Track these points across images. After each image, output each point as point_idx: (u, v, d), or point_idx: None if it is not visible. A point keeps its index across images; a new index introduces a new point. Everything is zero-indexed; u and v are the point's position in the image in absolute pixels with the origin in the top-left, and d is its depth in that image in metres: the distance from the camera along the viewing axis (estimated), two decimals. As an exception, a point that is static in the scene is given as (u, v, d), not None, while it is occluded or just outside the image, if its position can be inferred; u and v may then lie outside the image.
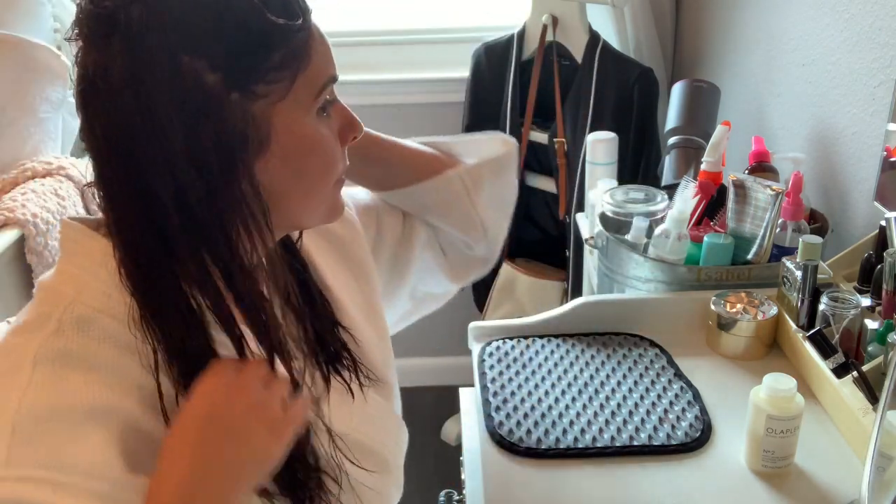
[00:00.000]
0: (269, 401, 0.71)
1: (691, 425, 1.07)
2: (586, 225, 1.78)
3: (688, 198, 1.38)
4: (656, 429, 1.07)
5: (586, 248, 1.72)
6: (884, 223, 1.17)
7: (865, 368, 1.04)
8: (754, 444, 0.99)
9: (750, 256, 1.33)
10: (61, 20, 2.12)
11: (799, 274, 1.17)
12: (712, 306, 1.23)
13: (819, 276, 1.17)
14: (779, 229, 1.32)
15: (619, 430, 1.07)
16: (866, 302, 1.14)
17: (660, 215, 1.43)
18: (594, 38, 2.08)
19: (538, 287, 2.23)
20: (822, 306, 1.12)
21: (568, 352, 1.24)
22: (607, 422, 1.08)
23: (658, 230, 1.36)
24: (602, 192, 1.54)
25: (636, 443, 1.04)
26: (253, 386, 0.70)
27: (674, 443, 1.04)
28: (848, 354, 1.08)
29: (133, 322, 0.70)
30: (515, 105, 2.18)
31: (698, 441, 1.05)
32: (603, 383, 1.16)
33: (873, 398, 1.00)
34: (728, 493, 0.98)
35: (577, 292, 2.07)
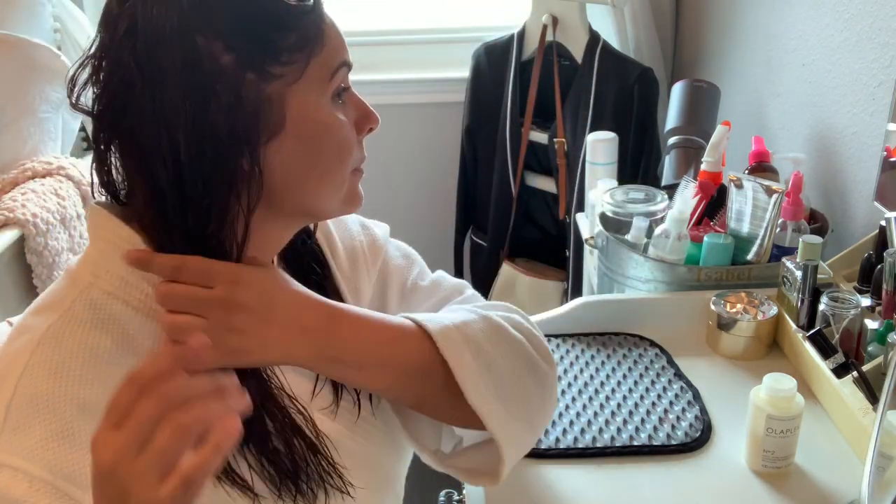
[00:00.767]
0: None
1: (691, 425, 1.07)
2: (586, 225, 1.78)
3: (688, 198, 1.39)
4: (656, 429, 1.07)
5: (586, 248, 1.72)
6: (884, 223, 1.17)
7: (865, 368, 1.04)
8: (754, 444, 0.99)
9: (750, 256, 1.33)
10: (61, 20, 2.12)
11: (799, 274, 1.17)
12: (712, 306, 1.23)
13: (819, 276, 1.17)
14: (779, 229, 1.32)
15: (619, 430, 1.07)
16: (866, 302, 1.14)
17: (660, 215, 1.43)
18: (594, 38, 2.08)
19: (538, 287, 2.23)
20: (822, 306, 1.12)
21: (568, 352, 1.24)
22: (607, 422, 1.08)
23: (658, 230, 1.36)
24: (602, 192, 1.54)
25: (636, 443, 1.05)
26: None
27: (674, 443, 1.04)
28: (848, 354, 1.08)
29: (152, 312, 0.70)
30: (515, 105, 2.18)
31: (698, 441, 1.05)
32: (603, 383, 1.16)
33: (873, 398, 1.00)
34: (728, 493, 0.98)
35: (577, 292, 2.07)
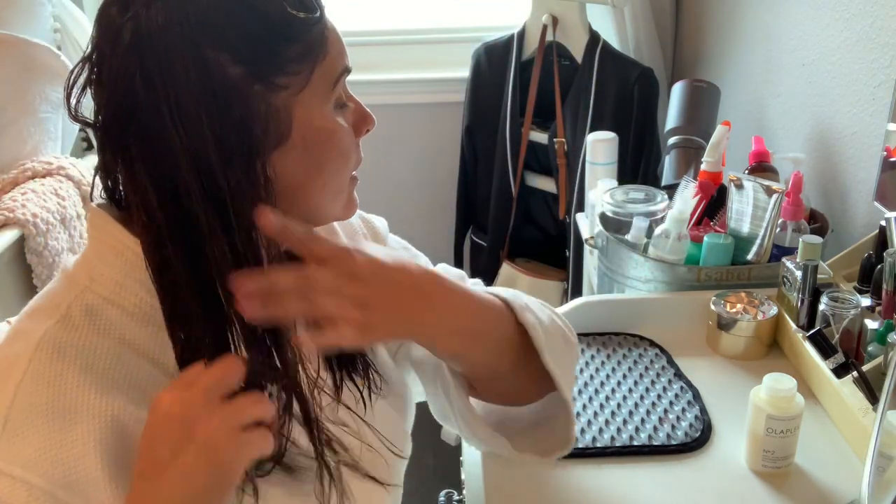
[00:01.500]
0: (213, 421, 0.64)
1: (691, 425, 1.07)
2: (586, 225, 1.78)
3: (688, 198, 1.38)
4: (656, 429, 1.07)
5: (586, 248, 1.72)
6: (884, 223, 1.17)
7: (865, 368, 1.04)
8: (754, 444, 0.99)
9: (750, 256, 1.33)
10: (61, 20, 2.12)
11: (799, 274, 1.17)
12: (712, 306, 1.23)
13: (819, 276, 1.17)
14: (779, 229, 1.32)
15: (619, 430, 1.07)
16: (866, 302, 1.14)
17: (660, 215, 1.43)
18: (594, 38, 2.08)
19: (538, 287, 2.23)
20: (822, 306, 1.12)
21: (568, 352, 1.24)
22: (607, 422, 1.08)
23: (658, 230, 1.35)
24: (602, 192, 1.54)
25: (636, 443, 1.04)
26: (193, 407, 0.64)
27: (674, 443, 1.04)
28: (848, 354, 1.08)
29: (149, 318, 0.70)
30: (515, 105, 2.18)
31: (698, 441, 1.05)
32: (603, 383, 1.16)
33: (873, 398, 1.00)
34: (728, 493, 0.98)
35: (577, 292, 2.07)
